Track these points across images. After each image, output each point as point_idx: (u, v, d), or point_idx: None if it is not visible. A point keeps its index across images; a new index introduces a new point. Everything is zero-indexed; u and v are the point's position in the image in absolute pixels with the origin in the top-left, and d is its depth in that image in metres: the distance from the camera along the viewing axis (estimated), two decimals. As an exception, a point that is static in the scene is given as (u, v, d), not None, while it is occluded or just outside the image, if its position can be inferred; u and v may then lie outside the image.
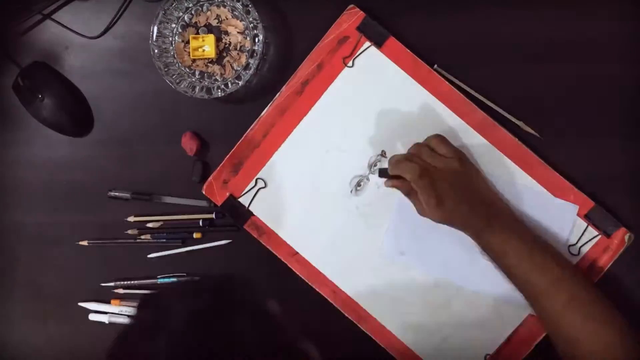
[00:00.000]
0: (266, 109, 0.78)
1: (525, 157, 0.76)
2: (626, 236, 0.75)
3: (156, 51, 0.76)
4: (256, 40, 0.75)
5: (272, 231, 0.78)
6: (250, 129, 0.78)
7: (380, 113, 0.77)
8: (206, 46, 0.76)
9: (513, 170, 0.76)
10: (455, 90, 0.76)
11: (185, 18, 0.78)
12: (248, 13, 0.75)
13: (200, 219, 0.80)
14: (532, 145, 0.76)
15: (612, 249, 0.75)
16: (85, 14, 0.81)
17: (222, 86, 0.76)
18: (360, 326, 0.78)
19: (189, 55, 0.77)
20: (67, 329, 0.82)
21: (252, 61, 0.76)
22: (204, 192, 0.79)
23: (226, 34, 0.77)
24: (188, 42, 0.77)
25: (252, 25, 0.76)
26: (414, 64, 0.76)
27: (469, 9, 0.77)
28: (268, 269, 0.79)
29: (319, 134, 0.78)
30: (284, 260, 0.78)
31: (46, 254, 0.82)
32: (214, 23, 0.77)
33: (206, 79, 0.78)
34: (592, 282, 0.74)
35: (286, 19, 0.79)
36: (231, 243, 0.80)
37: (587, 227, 0.75)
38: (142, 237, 0.81)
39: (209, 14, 0.77)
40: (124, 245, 0.81)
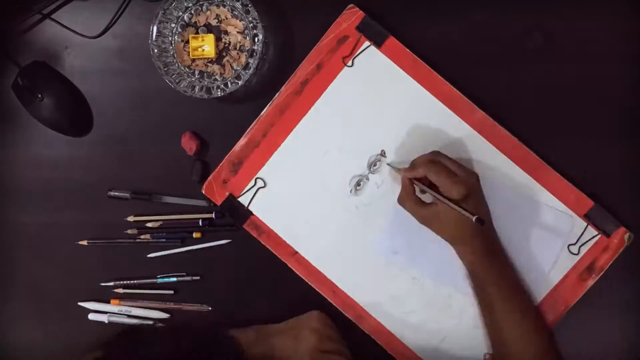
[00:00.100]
0: (266, 109, 0.78)
1: (525, 157, 0.76)
2: (626, 236, 0.75)
3: (156, 51, 0.76)
4: (256, 39, 0.75)
5: (272, 231, 0.78)
6: (249, 128, 0.78)
7: (379, 113, 0.77)
8: (206, 46, 0.76)
9: (513, 169, 0.76)
10: (455, 89, 0.76)
11: (185, 18, 0.78)
12: (248, 13, 0.75)
13: (199, 218, 0.80)
14: (532, 145, 0.76)
15: (612, 249, 0.75)
16: (85, 14, 0.81)
17: (222, 86, 0.76)
18: (360, 325, 0.78)
19: (189, 55, 0.77)
20: (66, 328, 0.82)
21: (251, 61, 0.76)
22: (203, 192, 0.79)
23: (226, 33, 0.77)
24: (188, 42, 0.77)
25: (251, 25, 0.76)
26: (413, 63, 0.76)
27: (468, 8, 0.77)
28: (268, 268, 0.79)
29: (318, 134, 0.78)
30: (283, 260, 0.78)
31: (46, 254, 0.82)
32: (214, 23, 0.77)
33: (206, 79, 0.78)
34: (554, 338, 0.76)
35: (286, 18, 0.79)
36: (231, 243, 0.80)
37: (586, 227, 0.75)
38: (142, 237, 0.81)
39: (208, 13, 0.77)
40: (124, 245, 0.81)
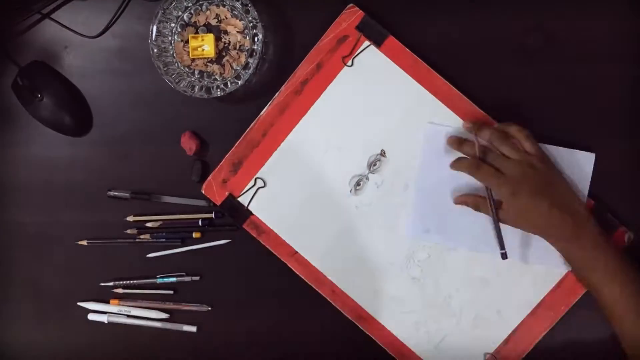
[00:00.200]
0: (265, 109, 0.78)
1: (525, 157, 0.76)
2: (626, 236, 0.75)
3: (155, 50, 0.76)
4: (255, 39, 0.75)
5: (272, 230, 0.78)
6: (249, 128, 0.78)
7: (379, 112, 0.77)
8: (205, 45, 0.76)
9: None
10: (455, 89, 0.76)
11: (185, 17, 0.78)
12: (247, 12, 0.75)
13: (199, 218, 0.80)
14: (532, 144, 0.76)
15: (612, 249, 0.75)
16: (84, 14, 0.81)
17: (222, 85, 0.76)
18: (360, 326, 0.78)
19: (189, 55, 0.77)
20: (66, 328, 0.82)
21: (251, 60, 0.76)
22: (203, 192, 0.79)
23: (225, 33, 0.77)
24: (187, 42, 0.77)
25: (251, 24, 0.76)
26: (413, 63, 0.76)
27: (468, 8, 0.77)
28: (267, 268, 0.79)
29: (318, 134, 0.78)
30: (283, 260, 0.78)
31: (45, 254, 0.82)
32: (214, 22, 0.77)
33: (205, 79, 0.78)
34: None
35: (285, 18, 0.79)
36: (230, 242, 0.80)
37: (586, 227, 0.75)
38: (142, 237, 0.81)
39: (208, 13, 0.77)
40: (123, 244, 0.81)
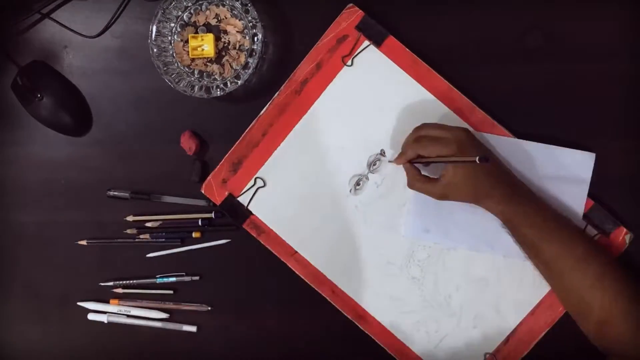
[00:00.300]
0: (265, 108, 0.78)
1: (525, 156, 0.76)
2: (626, 236, 0.75)
3: (155, 50, 0.76)
4: (255, 39, 0.75)
5: (271, 230, 0.78)
6: (249, 128, 0.78)
7: (379, 112, 0.77)
8: (205, 45, 0.76)
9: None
10: (455, 89, 0.76)
11: (184, 17, 0.78)
12: (247, 12, 0.75)
13: (199, 218, 0.80)
14: (532, 144, 0.76)
15: (612, 249, 0.75)
16: (84, 13, 0.80)
17: (221, 85, 0.76)
18: (360, 325, 0.78)
19: (188, 55, 0.77)
20: (65, 328, 0.82)
21: (251, 60, 0.76)
22: (203, 192, 0.79)
23: (225, 33, 0.77)
24: (187, 42, 0.77)
25: (251, 24, 0.76)
26: (413, 62, 0.76)
27: (468, 8, 0.77)
28: (267, 268, 0.79)
29: (318, 133, 0.78)
30: (283, 260, 0.78)
31: (45, 254, 0.82)
32: (213, 22, 0.77)
33: (205, 78, 0.78)
34: (617, 258, 0.73)
35: (285, 18, 0.79)
36: (230, 242, 0.80)
37: (586, 226, 0.75)
38: (141, 237, 0.81)
39: (208, 13, 0.77)
40: (123, 244, 0.81)
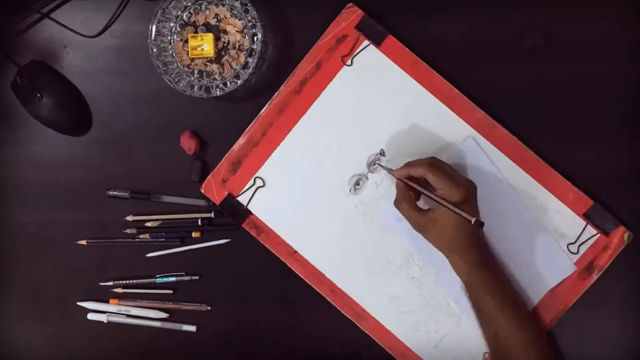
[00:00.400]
0: (265, 108, 0.78)
1: (525, 156, 0.76)
2: (625, 235, 0.75)
3: (155, 50, 0.76)
4: (255, 39, 0.75)
5: (271, 230, 0.78)
6: (249, 127, 0.78)
7: (378, 112, 0.77)
8: (205, 45, 0.76)
9: (512, 169, 0.76)
10: (455, 89, 0.76)
11: (184, 17, 0.78)
12: (247, 12, 0.75)
13: (199, 218, 0.80)
14: (532, 144, 0.76)
15: (611, 248, 0.75)
16: (83, 13, 0.81)
17: (221, 85, 0.76)
18: (359, 325, 0.78)
19: (188, 54, 0.77)
20: (65, 328, 0.82)
21: (250, 60, 0.76)
22: (202, 191, 0.79)
23: (225, 32, 0.77)
24: (187, 41, 0.77)
25: (250, 24, 0.76)
26: (412, 62, 0.76)
27: (468, 7, 0.77)
28: (267, 268, 0.79)
29: (317, 133, 0.78)
30: (282, 260, 0.78)
31: (44, 253, 0.82)
32: (213, 22, 0.77)
33: (205, 78, 0.78)
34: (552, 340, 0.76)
35: (285, 17, 0.79)
36: (230, 242, 0.80)
37: (586, 226, 0.75)
38: (141, 237, 0.81)
39: (207, 12, 0.77)
40: (123, 244, 0.81)
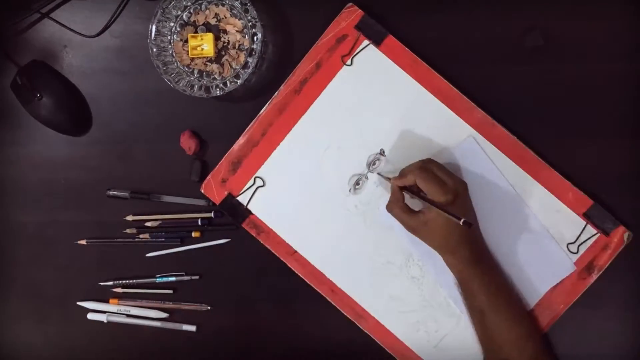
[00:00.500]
0: (265, 108, 0.78)
1: (525, 156, 0.76)
2: (625, 235, 0.75)
3: (155, 50, 0.76)
4: (255, 38, 0.75)
5: (271, 230, 0.78)
6: (248, 127, 0.78)
7: (378, 111, 0.77)
8: (205, 45, 0.76)
9: (512, 168, 0.76)
10: (454, 88, 0.76)
11: (184, 17, 0.78)
12: (247, 12, 0.75)
13: (198, 217, 0.80)
14: (531, 144, 0.76)
15: (611, 248, 0.75)
16: (83, 13, 0.80)
17: (221, 85, 0.76)
18: (359, 325, 0.78)
19: (188, 54, 0.77)
20: (65, 328, 0.82)
21: (250, 60, 0.76)
22: (202, 191, 0.79)
23: (225, 32, 0.77)
24: (187, 41, 0.77)
25: (250, 23, 0.76)
26: (412, 62, 0.76)
27: (468, 7, 0.77)
28: (267, 267, 0.79)
29: (317, 133, 0.78)
30: (282, 259, 0.78)
31: (44, 253, 0.82)
32: (213, 22, 0.77)
33: (205, 78, 0.78)
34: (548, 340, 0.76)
35: (285, 17, 0.79)
36: (230, 242, 0.80)
37: (585, 226, 0.75)
38: (141, 236, 0.81)
39: (207, 12, 0.77)
40: (123, 244, 0.81)
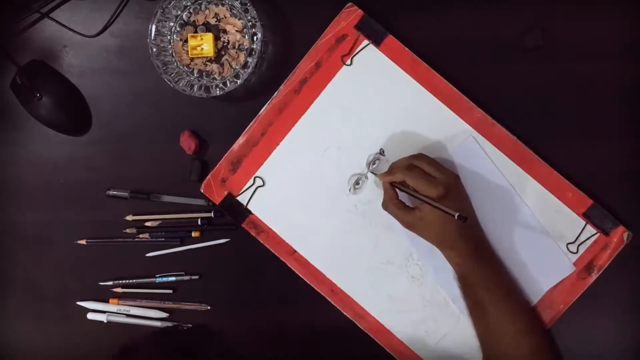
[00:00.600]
0: (264, 108, 0.78)
1: (524, 155, 0.76)
2: (625, 234, 0.75)
3: (154, 50, 0.76)
4: (254, 38, 0.75)
5: (271, 229, 0.78)
6: (248, 127, 0.78)
7: (378, 111, 0.77)
8: (204, 45, 0.76)
9: (512, 168, 0.76)
10: (454, 88, 0.76)
11: (184, 16, 0.78)
12: (246, 11, 0.75)
13: (198, 217, 0.80)
14: (531, 143, 0.76)
15: (611, 247, 0.75)
16: (83, 13, 0.80)
17: (221, 85, 0.76)
18: (359, 324, 0.78)
19: (188, 54, 0.77)
20: (65, 328, 0.82)
21: (250, 60, 0.76)
22: (202, 191, 0.79)
23: (225, 32, 0.77)
24: (186, 41, 0.77)
25: (250, 23, 0.76)
26: (412, 62, 0.76)
27: (468, 7, 0.77)
28: (266, 267, 0.79)
29: (317, 133, 0.78)
30: (282, 259, 0.78)
31: (44, 253, 0.82)
32: (213, 21, 0.77)
33: (205, 78, 0.78)
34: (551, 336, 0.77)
35: (284, 17, 0.79)
36: (230, 242, 0.80)
37: (585, 225, 0.75)
38: (141, 236, 0.81)
39: (207, 12, 0.77)
40: (123, 244, 0.81)
